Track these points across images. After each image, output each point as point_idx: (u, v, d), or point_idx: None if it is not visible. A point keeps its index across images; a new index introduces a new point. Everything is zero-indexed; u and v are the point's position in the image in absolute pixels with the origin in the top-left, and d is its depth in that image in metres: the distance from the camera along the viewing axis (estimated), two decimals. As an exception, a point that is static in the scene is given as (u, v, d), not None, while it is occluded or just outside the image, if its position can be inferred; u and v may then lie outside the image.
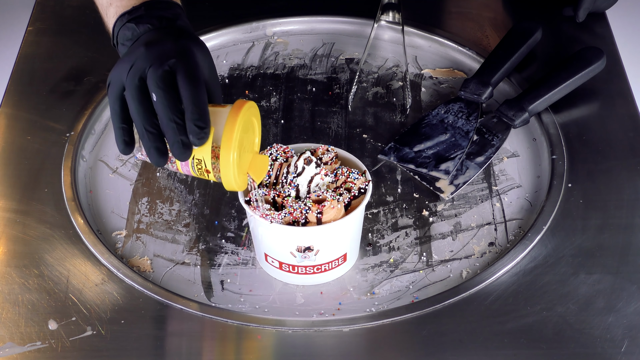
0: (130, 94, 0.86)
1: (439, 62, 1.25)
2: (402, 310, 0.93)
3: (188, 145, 0.86)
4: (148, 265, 1.00)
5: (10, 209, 1.03)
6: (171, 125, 0.85)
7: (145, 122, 0.86)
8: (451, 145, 1.11)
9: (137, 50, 0.88)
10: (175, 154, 0.86)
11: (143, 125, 0.86)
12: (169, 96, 0.85)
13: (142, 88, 0.86)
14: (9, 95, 1.19)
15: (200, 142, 0.86)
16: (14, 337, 0.90)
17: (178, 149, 0.86)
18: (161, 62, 0.86)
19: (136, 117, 0.86)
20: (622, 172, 1.06)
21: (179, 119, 0.85)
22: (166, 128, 0.85)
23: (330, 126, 1.16)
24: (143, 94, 0.86)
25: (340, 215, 0.93)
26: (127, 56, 0.89)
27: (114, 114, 0.89)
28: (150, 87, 0.86)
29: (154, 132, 0.86)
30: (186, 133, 0.85)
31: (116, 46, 0.97)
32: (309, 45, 1.28)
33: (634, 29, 2.05)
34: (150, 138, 0.86)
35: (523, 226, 1.03)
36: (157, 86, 0.85)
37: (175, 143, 0.85)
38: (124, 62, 0.88)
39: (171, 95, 0.85)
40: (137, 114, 0.86)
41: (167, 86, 0.86)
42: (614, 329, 0.90)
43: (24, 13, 1.51)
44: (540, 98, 1.12)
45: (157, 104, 0.85)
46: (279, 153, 0.97)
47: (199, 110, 0.85)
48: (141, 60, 0.87)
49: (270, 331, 0.92)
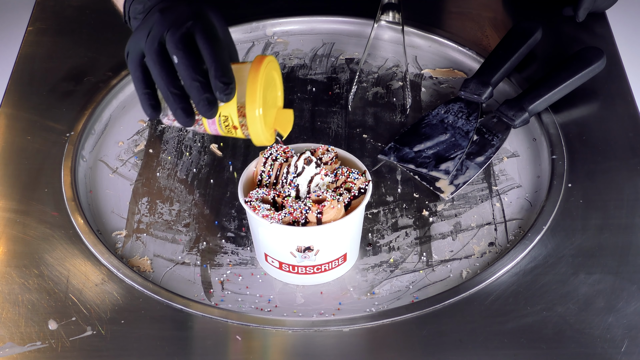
0: (150, 59, 0.88)
1: (439, 62, 1.25)
2: (402, 310, 0.93)
3: (213, 102, 0.87)
4: (148, 265, 1.00)
5: (10, 209, 1.03)
6: (195, 85, 0.86)
7: (168, 85, 0.87)
8: (451, 145, 1.11)
9: (152, 17, 0.90)
10: (201, 112, 0.87)
11: (167, 87, 0.87)
12: (190, 56, 0.87)
13: (161, 52, 0.88)
14: (9, 95, 1.19)
15: (227, 98, 0.87)
16: (14, 337, 0.90)
17: (204, 106, 0.87)
18: (179, 25, 0.88)
19: (159, 81, 0.88)
20: (622, 172, 1.06)
21: (202, 77, 0.86)
22: (190, 88, 0.87)
23: (330, 126, 1.16)
24: (163, 57, 0.88)
25: (340, 215, 0.93)
26: (142, 24, 0.90)
27: (137, 80, 0.90)
28: (170, 49, 0.87)
29: (178, 93, 0.88)
30: (210, 90, 0.87)
31: (128, 22, 0.98)
32: (309, 45, 1.28)
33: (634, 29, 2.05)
34: (175, 99, 0.88)
35: (523, 226, 1.03)
36: (177, 48, 0.87)
37: (200, 101, 0.87)
38: (141, 30, 0.89)
39: (192, 56, 0.87)
40: (159, 77, 0.88)
41: (187, 47, 0.87)
42: (614, 329, 0.90)
43: (24, 13, 1.51)
44: (540, 98, 1.12)
45: (178, 65, 0.87)
46: (279, 153, 0.97)
47: (222, 67, 0.87)
48: (158, 26, 0.88)
49: (270, 331, 0.92)
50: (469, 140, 1.11)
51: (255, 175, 0.98)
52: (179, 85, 0.88)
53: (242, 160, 1.12)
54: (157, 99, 0.90)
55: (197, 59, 0.87)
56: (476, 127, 1.13)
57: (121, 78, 1.20)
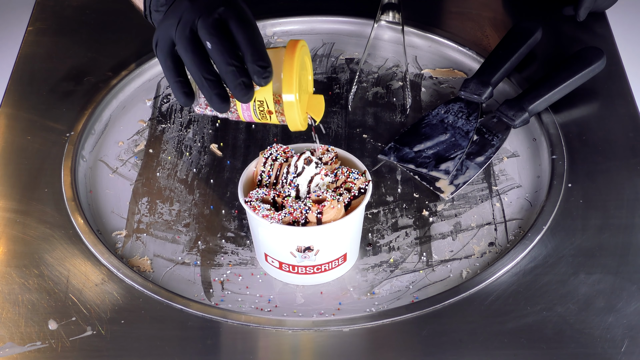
0: (183, 47, 0.88)
1: (439, 62, 1.25)
2: (402, 310, 0.93)
3: (250, 86, 0.87)
4: (148, 265, 1.00)
5: (10, 209, 1.03)
6: (230, 69, 0.86)
7: (203, 71, 0.87)
8: (451, 145, 1.11)
9: (181, 5, 0.89)
10: (237, 97, 0.87)
11: (201, 74, 0.87)
12: (224, 42, 0.87)
13: (193, 39, 0.88)
14: (9, 95, 1.19)
15: (264, 82, 0.87)
16: (14, 337, 0.90)
17: (241, 90, 0.87)
18: (210, 11, 0.88)
19: (192, 68, 0.88)
20: (622, 172, 1.06)
21: (237, 62, 0.86)
22: (225, 73, 0.87)
23: (330, 126, 1.16)
24: (196, 44, 0.88)
25: (340, 215, 0.93)
26: (170, 13, 0.90)
27: (168, 70, 0.90)
28: (203, 36, 0.87)
29: (213, 79, 0.88)
30: (246, 75, 0.87)
31: (149, 16, 0.98)
32: (309, 45, 1.28)
33: (634, 29, 2.05)
34: (210, 85, 0.88)
35: (523, 226, 1.03)
36: (211, 33, 0.87)
37: (237, 85, 0.87)
38: (170, 19, 0.89)
39: (226, 41, 0.87)
40: (192, 64, 0.87)
41: (221, 32, 0.87)
42: (614, 329, 0.90)
43: (24, 13, 1.51)
44: (540, 98, 1.12)
45: (212, 51, 0.87)
46: (279, 153, 0.97)
47: (259, 51, 0.87)
48: (189, 13, 0.88)
49: (270, 331, 0.92)
50: (469, 140, 1.11)
51: (255, 175, 0.98)
52: (213, 71, 0.88)
53: (242, 160, 1.12)
54: (190, 87, 0.90)
55: (231, 44, 0.87)
56: (476, 127, 1.13)
57: (121, 78, 1.20)
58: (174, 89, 0.90)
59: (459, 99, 1.16)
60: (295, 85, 0.88)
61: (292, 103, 0.88)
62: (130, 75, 1.20)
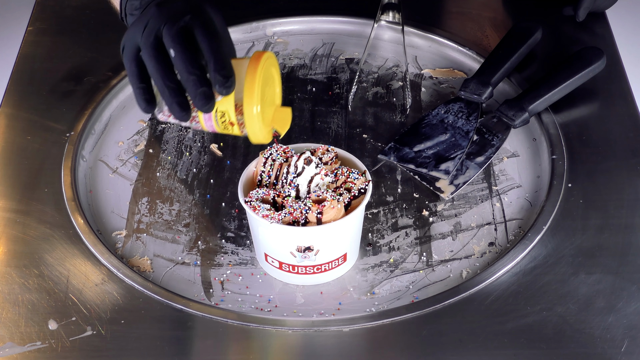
0: (147, 53, 0.87)
1: (439, 62, 1.25)
2: (402, 310, 0.93)
3: (211, 96, 0.86)
4: (148, 265, 1.00)
5: (10, 209, 1.03)
6: (192, 78, 0.85)
7: (164, 78, 0.87)
8: (451, 145, 1.11)
9: (149, 12, 0.89)
10: (198, 106, 0.86)
11: (163, 81, 0.87)
12: (187, 50, 0.86)
13: (158, 46, 0.87)
14: (9, 95, 1.19)
15: (226, 91, 0.86)
16: (14, 337, 0.90)
17: (201, 100, 0.86)
18: (176, 19, 0.87)
19: (155, 74, 0.87)
20: (622, 172, 1.06)
21: (199, 71, 0.86)
22: (187, 81, 0.86)
23: (330, 126, 1.16)
24: (159, 51, 0.87)
25: (340, 215, 0.93)
26: (139, 19, 0.90)
27: (131, 74, 0.89)
28: (167, 43, 0.87)
29: (174, 87, 0.87)
30: (208, 84, 0.86)
31: (125, 19, 0.98)
32: (309, 45, 1.28)
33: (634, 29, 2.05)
34: (171, 93, 0.87)
35: (523, 226, 1.03)
36: (174, 41, 0.86)
37: (198, 95, 0.86)
38: (137, 25, 0.89)
39: (189, 49, 0.86)
40: (155, 71, 0.87)
41: (185, 41, 0.86)
42: (614, 329, 0.90)
43: (24, 13, 1.51)
44: (540, 98, 1.12)
45: (175, 59, 0.86)
46: (279, 153, 0.97)
47: (222, 60, 0.86)
48: (155, 20, 0.88)
49: (270, 331, 0.92)
50: (469, 140, 1.11)
51: (255, 175, 0.98)
52: (175, 79, 0.87)
53: (242, 160, 1.12)
54: (152, 94, 0.89)
55: (195, 54, 0.86)
56: (476, 127, 1.13)
57: (121, 78, 1.20)
58: (136, 95, 0.89)
59: (459, 99, 1.16)
60: (257, 96, 0.86)
61: (253, 115, 0.87)
62: (130, 75, 1.20)
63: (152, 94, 0.90)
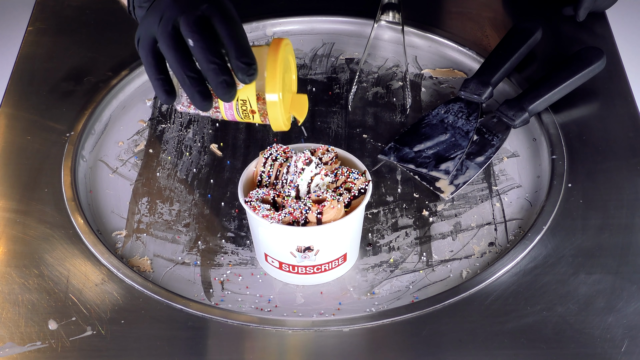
0: (165, 44, 0.86)
1: (439, 62, 1.25)
2: (402, 310, 0.93)
3: (232, 84, 0.86)
4: (148, 265, 1.00)
5: (10, 209, 1.03)
6: (212, 67, 0.85)
7: (184, 68, 0.86)
8: (451, 145, 1.11)
9: (163, 2, 0.88)
10: (219, 95, 0.86)
11: (183, 71, 0.86)
12: (207, 39, 0.85)
13: (176, 36, 0.86)
14: (9, 95, 1.19)
15: (249, 79, 0.85)
16: (14, 337, 0.90)
17: (222, 88, 0.85)
18: (193, 7, 0.86)
19: (174, 65, 0.86)
20: (622, 172, 1.06)
21: (219, 59, 0.85)
22: (207, 70, 0.85)
23: (330, 126, 1.16)
24: (178, 41, 0.86)
25: (340, 215, 0.93)
26: (153, 10, 0.88)
27: (149, 67, 0.88)
28: (185, 33, 0.86)
29: (195, 77, 0.86)
30: (228, 73, 0.85)
31: (132, 12, 0.97)
32: (309, 45, 1.28)
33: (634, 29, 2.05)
34: (192, 83, 0.86)
35: (523, 226, 1.03)
36: (193, 30, 0.85)
37: (219, 83, 0.85)
38: (152, 16, 0.88)
39: (208, 38, 0.85)
40: (174, 61, 0.86)
41: (203, 30, 0.85)
42: (614, 329, 0.90)
43: (24, 13, 1.51)
44: (540, 98, 1.12)
45: (194, 48, 0.85)
46: (279, 153, 0.97)
47: (243, 48, 0.85)
48: (171, 10, 0.87)
49: (270, 331, 0.92)
50: (469, 140, 1.11)
51: (255, 175, 0.98)
52: (195, 68, 0.86)
53: (242, 160, 1.12)
54: (172, 85, 0.89)
55: (214, 42, 0.86)
56: (476, 127, 1.13)
57: (121, 78, 1.20)
58: (155, 87, 0.89)
59: (459, 99, 1.16)
60: (279, 84, 0.86)
61: (275, 102, 0.86)
62: (130, 75, 1.20)
63: (171, 85, 0.89)
